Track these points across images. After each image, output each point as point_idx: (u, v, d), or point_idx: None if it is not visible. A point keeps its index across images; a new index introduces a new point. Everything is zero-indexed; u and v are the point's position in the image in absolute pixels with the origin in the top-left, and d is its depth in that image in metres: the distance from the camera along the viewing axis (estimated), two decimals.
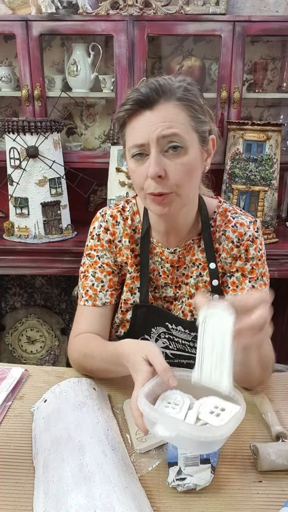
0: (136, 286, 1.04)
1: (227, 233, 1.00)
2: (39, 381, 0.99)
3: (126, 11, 1.91)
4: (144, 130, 0.84)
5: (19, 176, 1.91)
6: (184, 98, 0.85)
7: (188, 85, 0.87)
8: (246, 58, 1.99)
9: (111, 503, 0.62)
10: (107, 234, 1.03)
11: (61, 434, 0.76)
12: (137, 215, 1.04)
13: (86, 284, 1.04)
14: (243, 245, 0.99)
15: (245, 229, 0.99)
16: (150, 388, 0.70)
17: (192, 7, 2.01)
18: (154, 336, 1.05)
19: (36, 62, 1.97)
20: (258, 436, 0.82)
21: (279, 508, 0.66)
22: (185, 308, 1.03)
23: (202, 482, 0.70)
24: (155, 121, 0.83)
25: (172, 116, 0.84)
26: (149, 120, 0.83)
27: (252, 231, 0.99)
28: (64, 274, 2.08)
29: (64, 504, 0.63)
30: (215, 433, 0.63)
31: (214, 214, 1.02)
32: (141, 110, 0.84)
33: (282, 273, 1.93)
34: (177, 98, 0.84)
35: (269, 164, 1.86)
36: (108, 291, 1.03)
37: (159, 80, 0.85)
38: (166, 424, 0.65)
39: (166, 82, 0.85)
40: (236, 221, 1.00)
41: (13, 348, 2.56)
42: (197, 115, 0.87)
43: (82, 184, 2.08)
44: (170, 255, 1.01)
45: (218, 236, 1.00)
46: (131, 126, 0.86)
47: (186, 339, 1.03)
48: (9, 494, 0.70)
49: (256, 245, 0.99)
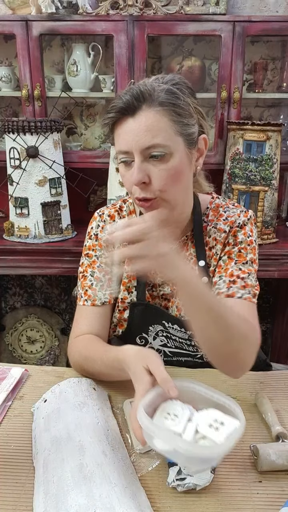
0: (133, 284, 1.05)
1: (218, 226, 1.00)
2: (39, 381, 0.99)
3: (126, 11, 1.91)
4: (127, 138, 0.85)
5: (19, 176, 1.91)
6: (166, 102, 0.84)
7: (174, 86, 0.85)
8: (246, 58, 1.99)
9: (111, 503, 0.62)
10: (104, 234, 1.03)
11: (61, 434, 0.76)
12: (133, 215, 1.05)
13: (85, 284, 1.04)
14: (232, 231, 0.99)
15: (236, 217, 1.00)
16: (150, 399, 0.70)
17: (192, 7, 2.01)
18: (152, 334, 1.05)
19: (36, 62, 1.97)
20: (258, 436, 0.82)
21: (279, 508, 0.66)
22: (180, 304, 1.04)
23: (202, 482, 0.70)
24: (136, 130, 0.84)
25: (153, 124, 0.83)
26: (131, 129, 0.84)
27: (243, 218, 1.00)
28: (64, 274, 2.08)
29: (64, 504, 0.63)
30: (212, 451, 0.64)
31: (207, 210, 1.03)
32: (124, 118, 0.85)
33: (282, 273, 1.93)
34: (159, 103, 0.83)
35: (269, 164, 1.86)
36: (107, 290, 1.03)
37: (141, 86, 0.84)
38: (163, 438, 0.65)
39: (148, 87, 0.84)
40: (227, 215, 1.01)
41: (13, 348, 2.56)
42: (181, 118, 0.85)
43: (82, 184, 2.08)
44: None
45: (209, 229, 1.01)
46: (117, 132, 0.88)
47: (182, 337, 1.03)
48: (9, 494, 0.70)
49: (245, 231, 0.99)
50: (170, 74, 0.90)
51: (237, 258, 0.98)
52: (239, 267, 0.97)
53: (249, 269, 0.97)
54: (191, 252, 1.02)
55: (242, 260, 0.98)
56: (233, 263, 0.97)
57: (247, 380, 0.96)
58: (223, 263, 0.99)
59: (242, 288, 0.94)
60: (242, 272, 0.96)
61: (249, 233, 1.00)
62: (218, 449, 0.64)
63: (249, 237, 1.00)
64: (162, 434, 0.65)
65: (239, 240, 0.99)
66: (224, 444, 0.64)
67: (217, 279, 0.98)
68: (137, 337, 1.06)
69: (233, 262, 0.98)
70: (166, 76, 0.88)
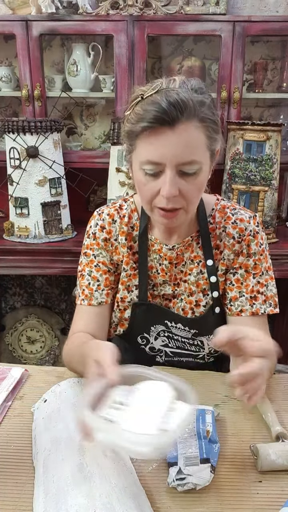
0: (133, 283, 1.04)
1: (227, 230, 1.00)
2: (39, 381, 0.99)
3: (126, 11, 1.91)
4: (162, 150, 0.80)
5: (19, 176, 1.90)
6: (206, 118, 0.81)
7: (206, 99, 0.83)
8: (246, 58, 1.99)
9: (111, 503, 0.62)
10: (103, 233, 1.03)
11: (61, 434, 0.76)
12: (135, 213, 1.04)
13: (82, 283, 1.04)
14: (245, 240, 0.99)
15: (246, 225, 0.99)
16: (96, 391, 0.68)
17: (192, 7, 2.01)
18: (153, 334, 1.05)
19: (36, 62, 1.97)
20: (258, 436, 0.82)
21: (279, 508, 0.66)
22: (185, 306, 1.03)
23: (202, 482, 0.70)
24: (175, 144, 0.80)
25: (193, 140, 0.81)
26: (169, 141, 0.80)
27: (253, 226, 0.99)
28: (64, 274, 2.09)
29: (64, 504, 0.63)
30: (153, 440, 0.61)
31: (212, 211, 1.02)
32: (161, 128, 0.79)
33: (282, 273, 1.93)
34: (199, 118, 0.81)
35: (269, 164, 1.86)
36: (104, 290, 1.03)
37: (177, 94, 0.78)
38: (105, 431, 0.63)
39: (185, 96, 0.79)
40: (236, 218, 1.00)
41: (13, 348, 2.56)
42: (214, 135, 0.85)
43: (82, 184, 2.08)
44: (168, 251, 1.00)
45: (219, 233, 1.00)
46: (148, 141, 0.81)
47: (185, 336, 1.03)
48: (9, 494, 0.70)
49: (258, 240, 0.99)
50: (193, 79, 0.85)
51: (254, 271, 1.00)
52: (258, 281, 1.00)
53: (265, 279, 1.01)
54: (198, 254, 1.01)
55: (259, 272, 1.00)
56: (251, 277, 1.00)
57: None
58: (241, 278, 1.00)
59: (263, 303, 0.99)
60: (261, 285, 1.00)
61: (260, 242, 1.00)
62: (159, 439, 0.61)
63: (261, 246, 1.00)
64: (103, 427, 0.63)
65: (252, 252, 0.99)
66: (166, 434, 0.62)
67: (237, 294, 1.00)
68: (138, 336, 1.06)
69: (251, 276, 1.00)
70: (191, 80, 0.83)
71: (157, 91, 0.80)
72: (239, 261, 1.00)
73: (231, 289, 1.01)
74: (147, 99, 0.81)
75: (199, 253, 1.01)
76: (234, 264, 1.00)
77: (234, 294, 1.00)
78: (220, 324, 0.99)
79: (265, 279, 1.00)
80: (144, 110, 0.80)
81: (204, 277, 1.01)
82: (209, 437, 0.77)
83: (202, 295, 1.02)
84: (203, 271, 1.01)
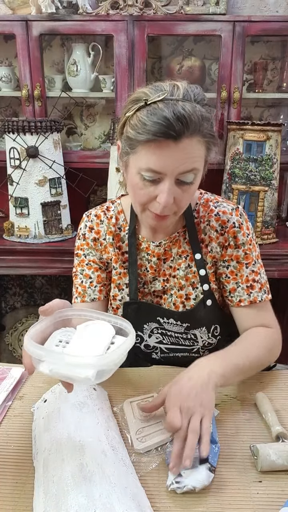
0: (123, 282, 1.07)
1: (211, 223, 1.02)
2: (39, 381, 0.99)
3: (126, 11, 1.91)
4: (165, 161, 0.82)
5: (19, 176, 1.91)
6: (207, 134, 0.84)
7: (209, 113, 0.85)
8: (246, 58, 1.99)
9: (111, 503, 0.62)
10: (92, 233, 1.07)
11: (61, 434, 0.76)
12: (122, 214, 1.07)
13: (76, 282, 1.08)
14: (228, 232, 1.00)
15: (228, 217, 1.01)
16: (38, 329, 0.73)
17: (192, 7, 2.01)
18: (147, 332, 1.06)
19: (36, 62, 1.97)
20: (258, 436, 0.82)
21: (279, 508, 0.66)
22: (176, 300, 1.05)
23: (200, 484, 0.69)
24: (178, 156, 0.82)
25: (195, 153, 0.84)
26: (172, 153, 0.81)
27: (236, 217, 1.01)
28: (64, 274, 2.08)
29: (64, 504, 0.63)
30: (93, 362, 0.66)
31: (196, 206, 1.04)
32: (166, 140, 0.80)
33: (282, 273, 1.92)
34: (202, 134, 0.83)
35: (269, 164, 1.86)
36: (97, 286, 1.06)
37: (185, 108, 0.79)
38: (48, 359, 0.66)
39: (189, 109, 0.80)
40: (218, 210, 1.02)
41: (13, 348, 2.56)
42: (213, 147, 0.88)
43: (82, 184, 2.08)
44: (156, 248, 1.03)
45: (203, 227, 1.02)
46: (151, 150, 0.82)
47: (178, 331, 1.04)
48: (9, 494, 0.70)
49: (243, 231, 1.01)
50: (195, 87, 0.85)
51: (246, 261, 1.01)
52: (251, 270, 1.02)
53: (258, 267, 1.03)
54: (185, 249, 1.03)
55: (251, 262, 1.02)
56: (244, 267, 1.02)
57: (247, 380, 0.96)
58: (235, 269, 1.02)
59: (259, 291, 1.02)
60: (255, 274, 1.02)
61: (247, 232, 1.02)
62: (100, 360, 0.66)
63: (248, 236, 1.02)
64: (44, 354, 0.67)
65: (240, 242, 1.01)
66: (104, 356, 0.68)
67: (234, 285, 1.02)
68: None
69: (244, 266, 1.02)
70: (194, 89, 0.84)
71: (162, 100, 0.81)
72: (228, 253, 1.01)
73: (228, 281, 1.03)
74: (152, 106, 0.81)
75: (187, 248, 1.03)
76: (223, 257, 1.02)
77: (232, 286, 1.02)
78: (212, 316, 1.03)
79: (257, 267, 1.03)
80: (150, 120, 0.80)
81: (192, 270, 1.03)
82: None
83: (191, 288, 1.04)
84: (191, 265, 1.03)
